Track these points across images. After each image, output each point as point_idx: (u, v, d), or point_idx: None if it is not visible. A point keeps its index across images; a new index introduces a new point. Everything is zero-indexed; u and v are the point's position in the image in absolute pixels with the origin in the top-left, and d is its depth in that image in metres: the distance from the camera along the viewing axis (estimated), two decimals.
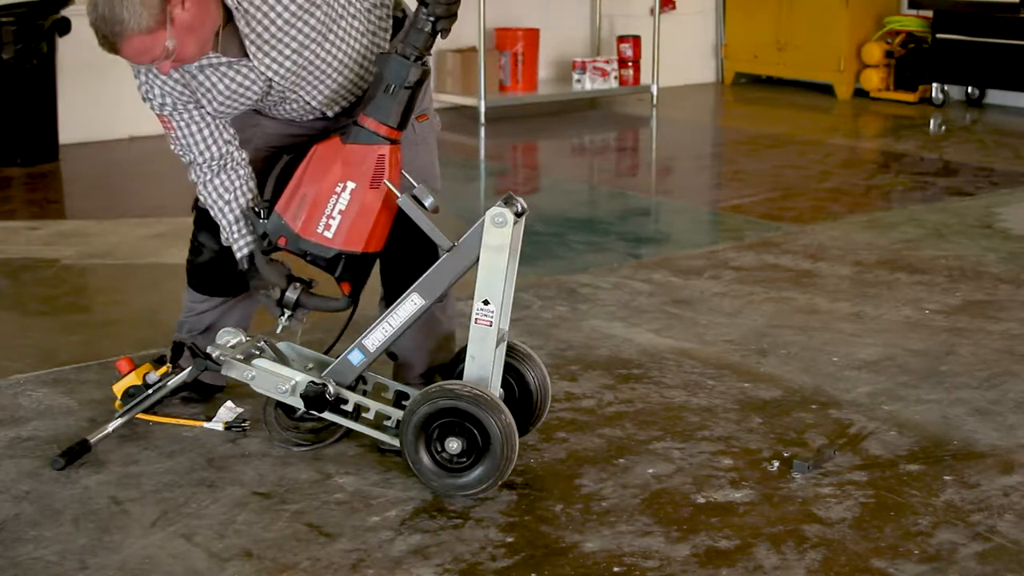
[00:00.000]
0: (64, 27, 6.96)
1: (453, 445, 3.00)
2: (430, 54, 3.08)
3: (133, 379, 3.37)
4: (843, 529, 2.89)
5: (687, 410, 3.57)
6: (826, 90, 9.33)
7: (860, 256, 5.12)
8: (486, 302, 3.01)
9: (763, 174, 6.92)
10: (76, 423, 3.45)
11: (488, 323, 3.02)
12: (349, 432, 3.23)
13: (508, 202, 3.04)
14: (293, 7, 3.02)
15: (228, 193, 3.22)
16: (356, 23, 3.13)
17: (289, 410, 3.25)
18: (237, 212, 3.22)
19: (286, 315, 3.22)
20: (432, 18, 2.98)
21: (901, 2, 9.31)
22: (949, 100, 8.90)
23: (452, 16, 3.00)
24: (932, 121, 8.43)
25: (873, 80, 9.07)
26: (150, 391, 3.34)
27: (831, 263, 5.03)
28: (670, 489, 3.09)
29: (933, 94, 8.84)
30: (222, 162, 3.20)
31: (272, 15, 3.02)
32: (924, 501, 3.02)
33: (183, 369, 3.34)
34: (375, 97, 3.04)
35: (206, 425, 3.40)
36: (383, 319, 3.10)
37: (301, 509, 2.98)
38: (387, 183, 3.06)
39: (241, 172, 3.23)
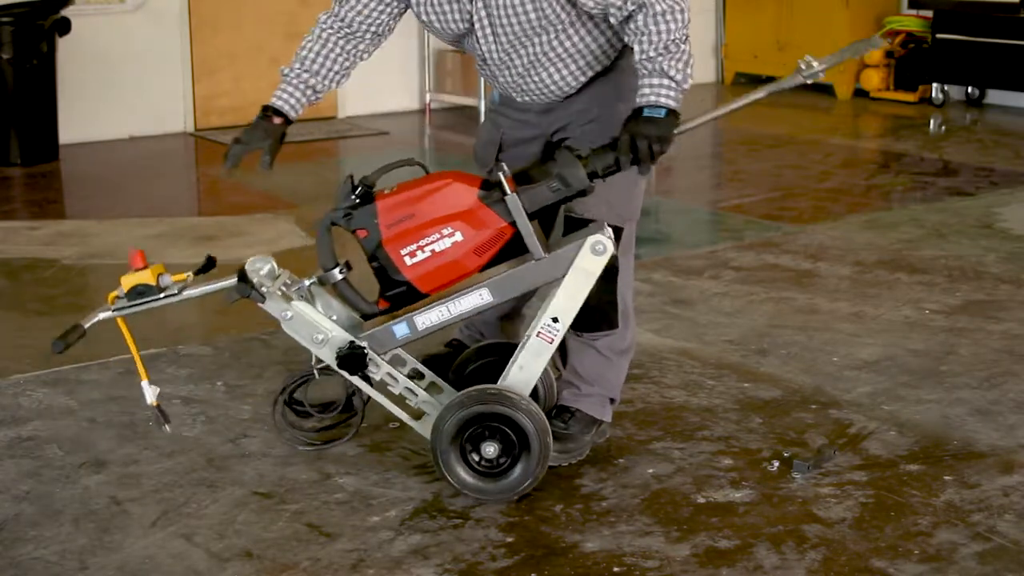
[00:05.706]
0: (64, 27, 6.96)
1: (489, 450, 2.97)
2: (602, 177, 2.99)
3: (147, 277, 3.05)
4: (843, 529, 2.89)
5: (687, 410, 3.57)
6: (826, 90, 9.32)
7: (860, 256, 5.12)
8: (555, 319, 2.97)
9: (763, 174, 6.92)
10: (76, 423, 3.45)
11: (550, 340, 2.98)
12: (356, 434, 3.23)
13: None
14: None
15: (322, 50, 3.18)
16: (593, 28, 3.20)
17: (295, 408, 3.23)
18: (312, 65, 3.17)
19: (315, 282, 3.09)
20: (635, 144, 2.92)
21: (901, 2, 9.31)
22: (949, 100, 8.90)
23: (654, 160, 2.94)
24: (932, 121, 8.43)
25: (873, 80, 9.08)
26: (161, 295, 3.06)
27: (831, 263, 5.03)
28: (670, 489, 3.09)
29: (933, 94, 8.84)
30: (348, 29, 3.18)
31: None
32: (924, 501, 3.02)
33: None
34: (538, 185, 2.98)
35: (143, 384, 3.06)
36: (444, 303, 3.02)
37: (301, 509, 2.98)
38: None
39: (347, 47, 3.20)
